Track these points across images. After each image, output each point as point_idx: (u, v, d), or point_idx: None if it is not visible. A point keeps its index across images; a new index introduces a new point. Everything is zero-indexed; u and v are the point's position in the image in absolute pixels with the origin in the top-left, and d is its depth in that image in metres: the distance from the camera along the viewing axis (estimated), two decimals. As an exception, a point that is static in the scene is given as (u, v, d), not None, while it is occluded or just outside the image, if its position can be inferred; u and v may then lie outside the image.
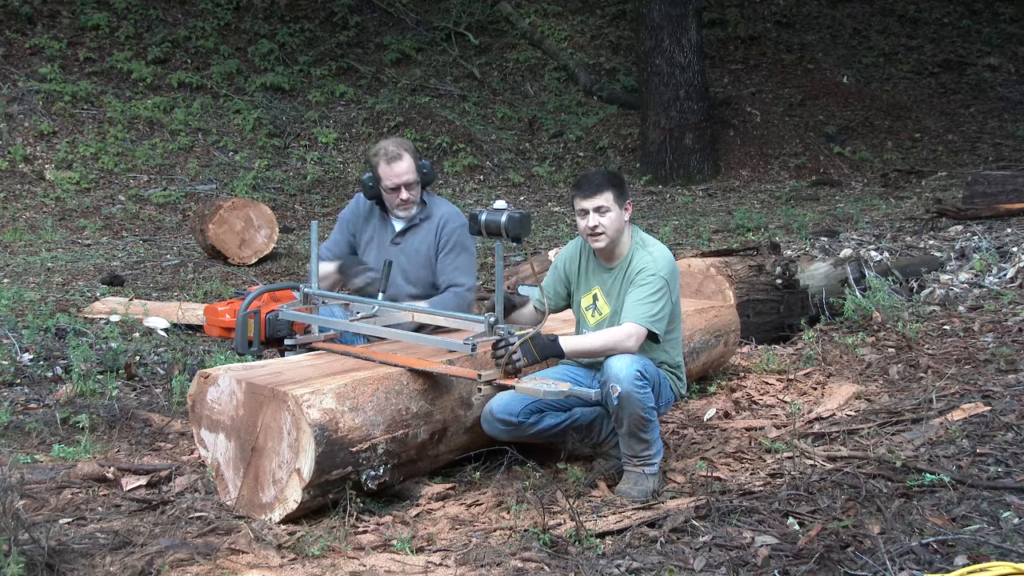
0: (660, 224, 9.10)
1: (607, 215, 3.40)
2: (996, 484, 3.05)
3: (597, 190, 3.39)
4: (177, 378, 4.58)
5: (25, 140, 10.77)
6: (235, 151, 11.44)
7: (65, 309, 6.25)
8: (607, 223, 3.40)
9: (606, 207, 3.39)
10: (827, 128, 12.66)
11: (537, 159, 12.38)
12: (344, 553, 2.83)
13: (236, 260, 8.12)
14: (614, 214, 3.41)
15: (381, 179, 4.01)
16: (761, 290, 5.46)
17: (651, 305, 3.33)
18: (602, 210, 3.39)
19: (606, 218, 3.40)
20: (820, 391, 4.49)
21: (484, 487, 3.40)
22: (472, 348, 3.22)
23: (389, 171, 3.99)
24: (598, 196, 3.39)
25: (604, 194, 3.39)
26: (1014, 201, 7.49)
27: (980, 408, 3.79)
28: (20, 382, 4.71)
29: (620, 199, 3.43)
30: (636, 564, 2.68)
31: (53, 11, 12.59)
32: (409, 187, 4.01)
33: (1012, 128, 12.88)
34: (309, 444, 2.94)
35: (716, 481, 3.38)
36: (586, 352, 3.42)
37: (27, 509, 3.06)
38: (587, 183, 3.44)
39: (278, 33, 13.57)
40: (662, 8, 11.66)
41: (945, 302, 5.77)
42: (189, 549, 2.79)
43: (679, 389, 3.61)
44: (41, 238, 9.07)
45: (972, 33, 15.13)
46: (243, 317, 3.55)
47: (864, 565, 2.56)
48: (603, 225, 3.40)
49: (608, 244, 3.45)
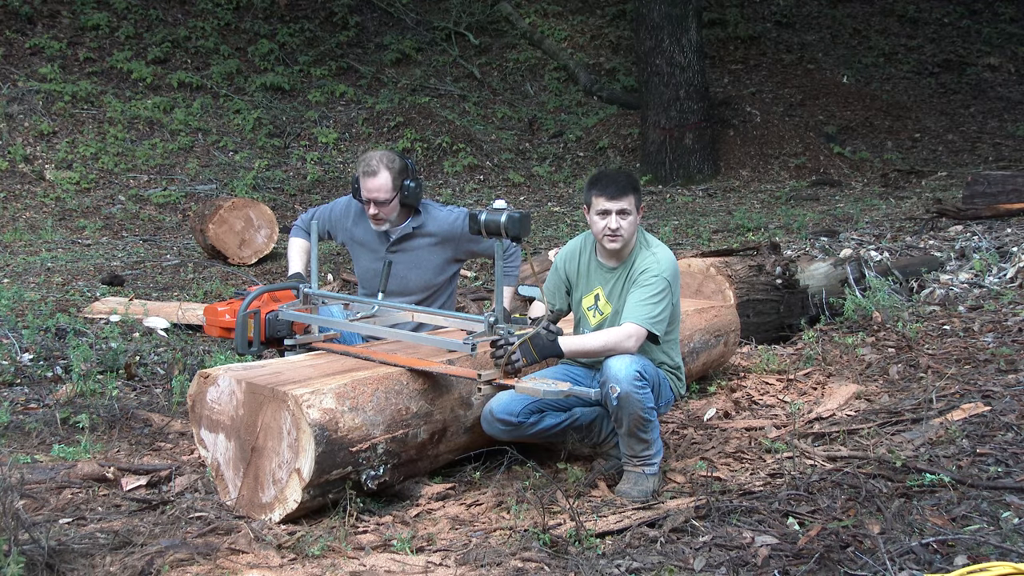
0: (660, 224, 9.10)
1: (627, 218, 3.38)
2: (996, 484, 3.05)
3: (623, 193, 3.35)
4: (177, 378, 4.58)
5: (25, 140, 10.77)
6: (235, 151, 11.45)
7: (65, 309, 6.25)
8: (627, 226, 3.38)
9: (629, 211, 3.37)
10: (827, 128, 12.67)
11: (537, 159, 12.38)
12: (344, 553, 2.83)
13: (236, 260, 8.12)
14: (633, 218, 3.40)
15: (360, 189, 4.03)
16: (761, 290, 5.46)
17: (652, 306, 3.33)
18: (624, 213, 3.37)
19: (626, 221, 3.38)
20: (820, 391, 4.49)
21: (484, 487, 3.40)
22: (472, 348, 3.22)
23: (364, 184, 4.01)
24: (623, 199, 3.35)
25: (628, 197, 3.36)
26: (1014, 201, 7.49)
27: (980, 408, 3.79)
28: (20, 382, 4.72)
29: (639, 203, 3.43)
30: (636, 564, 2.68)
31: (53, 11, 12.59)
32: (379, 204, 4.00)
33: (1012, 128, 12.89)
34: (309, 444, 2.94)
35: (716, 481, 3.38)
36: (585, 352, 3.42)
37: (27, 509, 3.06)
38: (613, 184, 3.38)
39: (278, 33, 13.57)
40: (662, 8, 11.66)
41: (945, 302, 5.77)
42: (189, 549, 2.79)
43: (679, 389, 3.61)
44: (41, 238, 9.07)
45: (972, 33, 15.13)
46: (243, 317, 3.54)
47: (864, 565, 2.56)
48: (623, 228, 3.37)
49: (623, 246, 3.45)
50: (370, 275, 4.18)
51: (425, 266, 4.11)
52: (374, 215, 4.03)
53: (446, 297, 4.23)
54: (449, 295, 4.25)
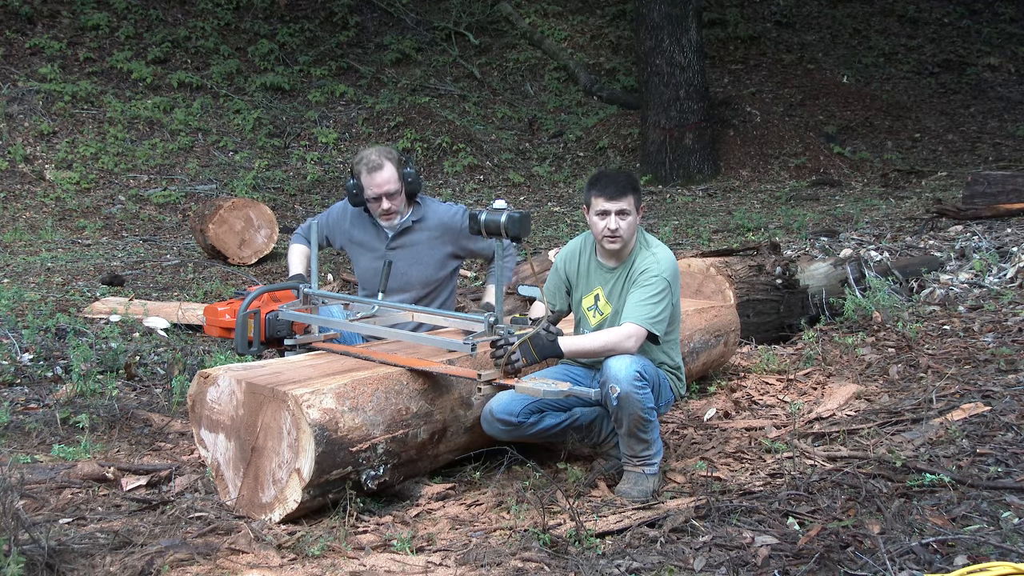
0: (660, 224, 9.10)
1: (627, 219, 3.38)
2: (996, 484, 3.05)
3: (622, 193, 3.35)
4: (177, 378, 4.58)
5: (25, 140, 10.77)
6: (235, 151, 11.45)
7: (65, 309, 6.25)
8: (626, 227, 3.38)
9: (628, 211, 3.37)
10: (827, 128, 12.67)
11: (537, 159, 12.38)
12: (344, 553, 2.83)
13: (236, 260, 8.12)
14: (632, 218, 3.39)
15: (364, 188, 4.02)
16: (761, 290, 5.46)
17: (652, 307, 3.33)
18: (624, 214, 3.37)
19: (626, 222, 3.38)
20: (820, 391, 4.49)
21: (484, 487, 3.40)
22: (472, 348, 3.22)
23: (370, 181, 3.99)
24: (622, 199, 3.35)
25: (628, 198, 3.36)
26: (1014, 201, 7.49)
27: (980, 408, 3.79)
28: (20, 382, 4.72)
29: (638, 203, 3.42)
30: (636, 564, 2.68)
31: (53, 11, 12.59)
32: (391, 197, 4.01)
33: (1012, 128, 12.89)
34: (309, 444, 2.94)
35: (716, 481, 3.38)
36: (585, 352, 3.42)
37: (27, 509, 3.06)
38: (612, 184, 3.37)
39: (278, 33, 13.58)
40: (662, 8, 11.67)
41: (945, 302, 5.77)
42: (189, 549, 2.79)
43: (679, 389, 3.61)
44: (41, 238, 9.07)
45: (972, 33, 15.13)
46: (243, 317, 3.55)
47: (864, 565, 2.56)
48: (622, 229, 3.37)
49: (622, 247, 3.45)
50: (370, 275, 4.18)
51: (425, 261, 4.11)
52: (386, 209, 4.03)
53: (447, 295, 4.23)
54: (449, 294, 4.26)
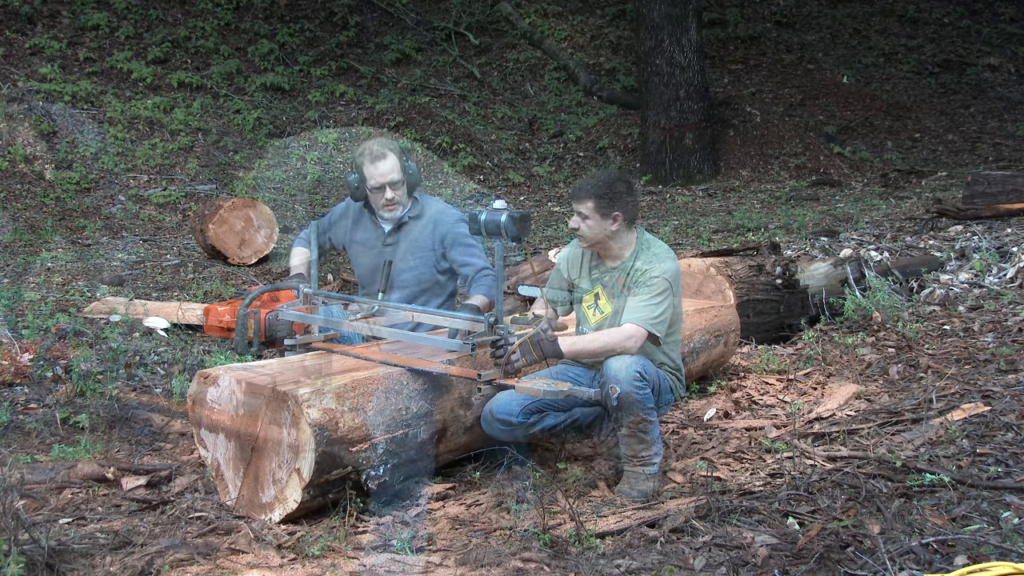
0: (660, 224, 9.10)
1: (586, 222, 3.47)
2: (996, 484, 3.05)
3: (581, 196, 3.48)
4: (177, 378, 4.58)
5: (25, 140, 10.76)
6: (235, 151, 11.44)
7: (65, 309, 6.25)
8: (585, 229, 3.49)
9: (586, 215, 3.46)
10: (827, 128, 12.66)
11: (537, 159, 12.37)
12: (344, 553, 2.83)
13: (236, 260, 8.12)
14: (592, 223, 3.46)
15: (366, 179, 4.03)
16: (761, 290, 5.46)
17: (653, 307, 3.34)
18: (582, 216, 3.47)
19: (585, 224, 3.48)
20: (820, 391, 4.49)
21: (484, 487, 3.40)
22: (472, 348, 3.22)
23: (374, 171, 4.00)
24: (580, 203, 3.47)
25: (585, 203, 3.45)
26: (1014, 201, 7.49)
27: (980, 408, 3.79)
28: (20, 382, 4.71)
29: (604, 209, 3.44)
30: (636, 564, 2.68)
31: (53, 11, 12.59)
32: (394, 186, 4.03)
33: (1012, 128, 12.88)
34: (309, 444, 2.94)
35: (716, 481, 3.38)
36: (585, 352, 3.42)
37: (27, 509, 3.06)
38: (577, 187, 3.54)
39: (278, 33, 13.57)
40: (662, 8, 11.66)
41: (945, 302, 5.77)
42: (189, 549, 2.79)
43: (679, 390, 3.61)
44: (41, 238, 9.06)
45: (972, 33, 15.13)
46: (243, 317, 3.55)
47: (864, 565, 2.56)
48: (582, 230, 3.49)
49: (589, 246, 3.55)
50: (370, 274, 4.19)
51: (423, 255, 4.12)
52: (389, 199, 4.04)
53: (445, 297, 4.23)
54: (449, 295, 4.26)
